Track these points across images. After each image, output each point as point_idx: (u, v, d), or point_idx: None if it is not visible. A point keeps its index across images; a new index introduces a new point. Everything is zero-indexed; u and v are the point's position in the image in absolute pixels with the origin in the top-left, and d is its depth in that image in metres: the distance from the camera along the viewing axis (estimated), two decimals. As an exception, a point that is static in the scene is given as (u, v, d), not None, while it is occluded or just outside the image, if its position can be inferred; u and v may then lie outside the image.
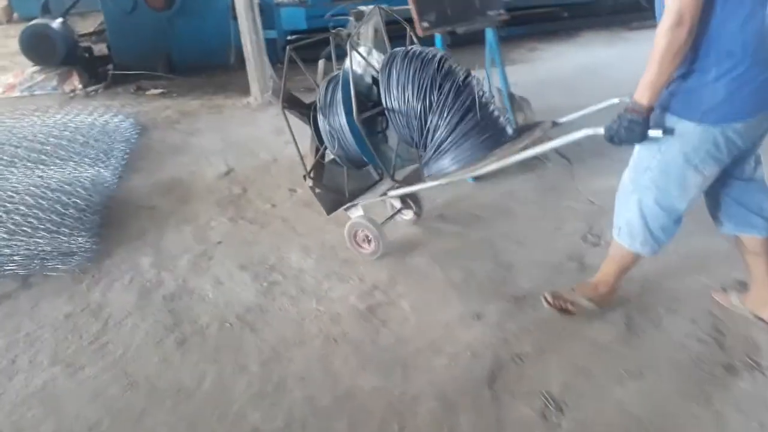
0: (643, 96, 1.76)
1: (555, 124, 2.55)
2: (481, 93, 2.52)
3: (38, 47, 6.29)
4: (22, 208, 3.17)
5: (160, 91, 5.95)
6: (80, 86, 6.23)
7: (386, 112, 2.59)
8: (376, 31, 3.15)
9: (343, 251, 2.93)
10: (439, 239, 3.04)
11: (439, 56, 2.54)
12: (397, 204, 3.18)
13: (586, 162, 3.75)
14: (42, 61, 6.38)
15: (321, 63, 2.92)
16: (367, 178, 3.01)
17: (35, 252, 2.91)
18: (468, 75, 2.55)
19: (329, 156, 2.91)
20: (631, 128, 1.80)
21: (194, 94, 5.88)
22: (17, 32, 10.43)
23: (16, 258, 2.88)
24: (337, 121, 2.64)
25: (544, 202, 3.38)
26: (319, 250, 2.97)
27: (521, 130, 2.63)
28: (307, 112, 2.83)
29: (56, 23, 6.54)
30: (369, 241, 2.87)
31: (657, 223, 2.02)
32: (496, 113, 2.55)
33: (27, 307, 2.61)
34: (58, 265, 2.89)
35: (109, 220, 3.37)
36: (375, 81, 2.70)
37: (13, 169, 3.78)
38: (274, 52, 6.07)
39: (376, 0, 3.71)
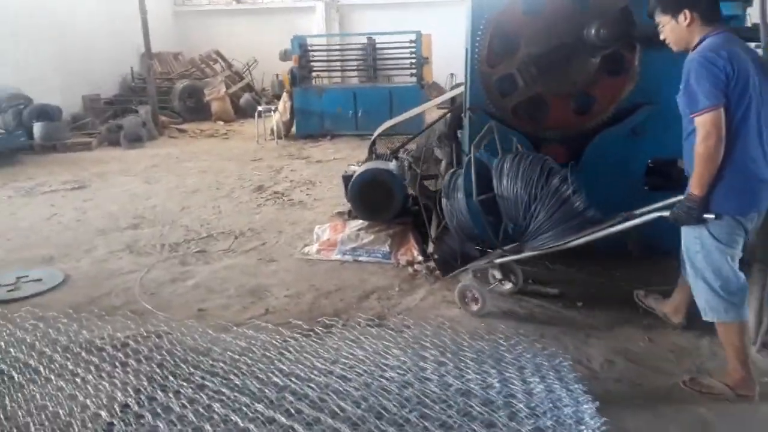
0: (695, 188, 2.45)
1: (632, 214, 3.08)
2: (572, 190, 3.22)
3: (374, 201, 4.72)
4: None
5: (553, 290, 3.90)
6: (420, 257, 4.47)
7: (497, 197, 3.32)
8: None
9: None
10: None
11: (542, 159, 3.33)
12: (498, 275, 3.81)
13: None
14: (374, 217, 4.78)
15: None
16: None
17: None
18: (565, 175, 3.25)
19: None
20: (690, 213, 2.49)
21: (606, 308, 3.70)
22: (298, 151, 9.90)
23: None
24: (457, 202, 3.52)
25: None
26: None
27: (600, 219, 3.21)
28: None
29: (393, 165, 5.01)
30: (476, 301, 3.54)
31: (726, 290, 2.55)
32: (582, 205, 3.23)
33: None
34: None
35: None
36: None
37: None
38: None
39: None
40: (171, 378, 2.67)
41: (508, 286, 3.86)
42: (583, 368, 3.00)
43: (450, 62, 14.07)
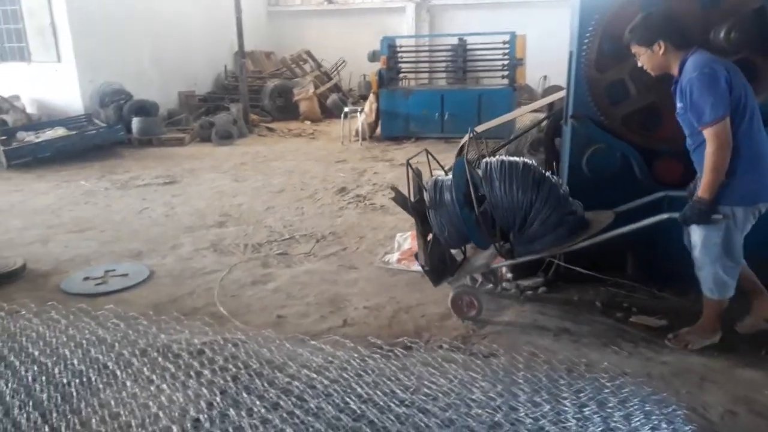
0: (706, 193, 2.74)
1: (617, 214, 3.43)
2: (563, 193, 3.37)
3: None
4: None
5: (661, 322, 3.49)
6: (509, 275, 4.16)
7: (489, 204, 3.33)
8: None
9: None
10: None
11: (531, 165, 3.36)
12: (479, 278, 3.97)
13: None
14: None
15: None
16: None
17: None
18: (557, 180, 3.42)
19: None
20: (701, 214, 2.79)
21: (723, 346, 3.22)
22: (382, 153, 9.73)
23: None
24: (448, 213, 3.38)
25: None
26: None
27: (590, 219, 3.42)
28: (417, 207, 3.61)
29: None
30: (473, 306, 3.55)
31: (731, 275, 2.98)
32: (574, 207, 3.38)
33: None
34: None
35: None
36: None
37: None
38: None
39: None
40: (245, 394, 2.55)
41: (489, 286, 4.02)
42: (699, 418, 2.61)
43: (543, 64, 13.51)
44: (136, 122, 10.12)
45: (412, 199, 3.69)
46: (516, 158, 3.46)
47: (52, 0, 10.21)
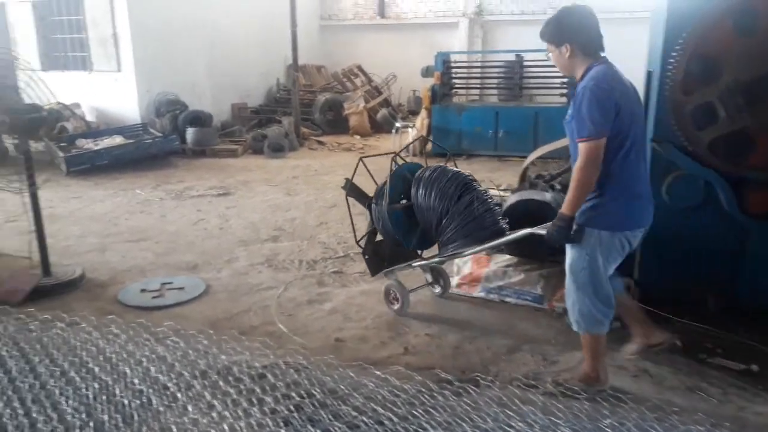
0: (567, 209, 2.69)
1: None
2: (486, 202, 3.62)
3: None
4: None
5: (752, 366, 3.20)
6: (578, 306, 3.92)
7: (414, 206, 3.73)
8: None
9: None
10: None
11: (459, 176, 3.68)
12: (429, 278, 4.24)
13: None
14: (525, 254, 4.31)
15: None
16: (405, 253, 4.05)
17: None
18: (479, 190, 3.69)
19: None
20: (560, 231, 2.72)
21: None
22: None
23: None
24: (381, 208, 3.80)
25: None
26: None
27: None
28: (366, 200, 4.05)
29: (550, 195, 4.50)
30: (396, 300, 3.93)
31: (599, 312, 2.83)
32: (495, 222, 3.60)
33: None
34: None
35: None
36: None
37: None
38: None
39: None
40: (309, 426, 2.41)
41: (437, 289, 4.25)
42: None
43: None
44: (190, 133, 10.24)
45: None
46: (450, 169, 3.76)
47: (115, 11, 10.50)
